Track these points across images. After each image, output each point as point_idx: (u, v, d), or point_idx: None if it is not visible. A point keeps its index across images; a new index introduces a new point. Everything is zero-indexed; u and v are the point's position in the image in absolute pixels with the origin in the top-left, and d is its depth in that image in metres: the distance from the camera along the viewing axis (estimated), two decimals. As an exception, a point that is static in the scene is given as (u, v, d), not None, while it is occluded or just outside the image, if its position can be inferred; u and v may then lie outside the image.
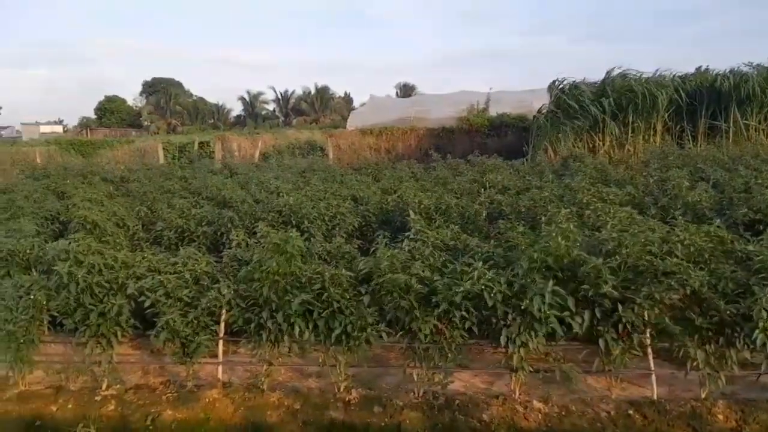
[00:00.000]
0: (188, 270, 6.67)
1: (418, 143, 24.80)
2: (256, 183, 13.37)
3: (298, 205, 9.53)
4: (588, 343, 5.88)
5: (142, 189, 13.34)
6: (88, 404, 6.29)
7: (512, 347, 5.62)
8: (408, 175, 14.17)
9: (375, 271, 6.20)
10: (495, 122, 24.75)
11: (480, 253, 6.71)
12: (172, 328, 6.01)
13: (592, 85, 21.08)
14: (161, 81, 76.33)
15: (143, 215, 10.47)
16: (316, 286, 6.07)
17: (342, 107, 67.54)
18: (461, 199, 9.86)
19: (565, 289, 5.56)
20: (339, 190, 11.69)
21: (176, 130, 62.23)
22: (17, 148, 29.96)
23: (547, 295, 5.37)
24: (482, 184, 11.97)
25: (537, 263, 5.89)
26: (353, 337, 5.85)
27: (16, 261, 7.91)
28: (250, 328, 6.18)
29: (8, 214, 10.81)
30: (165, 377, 6.79)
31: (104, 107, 71.59)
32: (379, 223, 9.53)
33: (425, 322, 5.75)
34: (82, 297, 6.17)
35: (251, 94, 69.59)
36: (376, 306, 6.03)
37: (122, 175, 17.13)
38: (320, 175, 14.88)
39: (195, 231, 9.28)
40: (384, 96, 43.16)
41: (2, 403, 6.41)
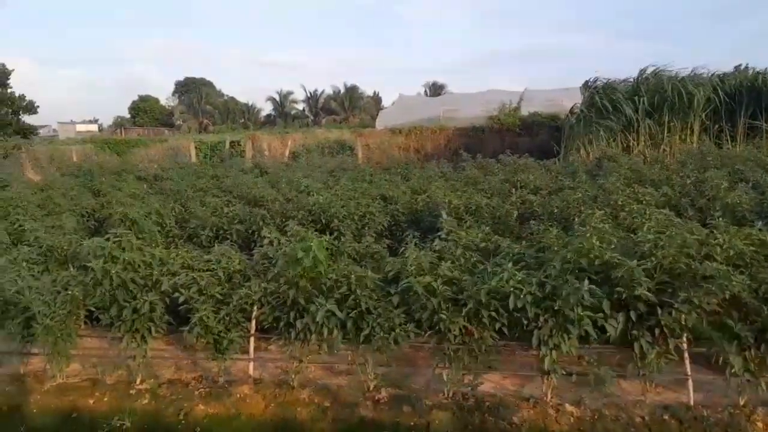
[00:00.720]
0: (221, 267, 6.74)
1: (448, 143, 24.68)
2: (286, 182, 13.47)
3: (328, 205, 9.58)
4: (622, 346, 5.76)
5: (175, 187, 13.54)
6: (123, 397, 6.42)
7: (544, 349, 5.55)
8: (437, 174, 14.11)
9: (403, 272, 6.19)
10: (526, 121, 24.47)
11: (511, 254, 6.64)
12: (205, 324, 6.09)
13: (626, 84, 20.71)
14: (193, 81, 77.50)
15: (177, 213, 10.62)
16: (342, 289, 6.11)
17: (371, 107, 67.60)
18: (492, 200, 9.77)
19: (601, 290, 5.47)
20: (368, 190, 11.70)
21: (207, 129, 63.04)
22: (54, 146, 30.72)
23: (584, 293, 5.28)
24: (513, 184, 11.85)
25: (570, 264, 5.81)
26: (381, 338, 5.85)
27: (55, 257, 8.12)
28: (280, 326, 6.25)
29: (46, 211, 11.09)
30: (197, 372, 6.89)
31: (138, 107, 72.91)
32: (409, 223, 9.52)
33: (453, 323, 5.72)
34: (116, 293, 6.30)
35: (281, 93, 70.16)
36: (404, 306, 6.02)
37: (156, 173, 17.45)
38: (349, 174, 14.92)
39: (228, 229, 9.39)
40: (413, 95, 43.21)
41: (41, 395, 6.58)
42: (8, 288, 6.53)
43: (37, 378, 6.87)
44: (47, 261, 8.03)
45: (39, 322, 6.21)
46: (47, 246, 8.21)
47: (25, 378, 6.90)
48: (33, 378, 6.88)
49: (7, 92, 35.59)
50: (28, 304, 6.34)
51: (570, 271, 5.74)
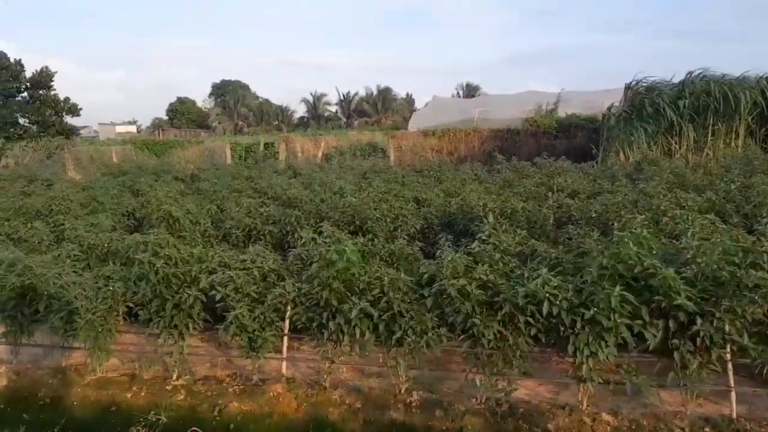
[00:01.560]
0: (256, 267, 6.81)
1: (482, 145, 24.46)
2: (319, 183, 13.55)
3: (361, 206, 9.59)
4: (662, 355, 5.60)
5: (211, 188, 13.74)
6: (159, 393, 6.54)
7: (580, 357, 5.42)
8: (471, 177, 14.02)
9: (437, 275, 6.16)
10: (563, 123, 24.02)
11: (548, 259, 6.55)
12: (240, 322, 6.16)
13: (670, 86, 20.23)
14: (229, 83, 78.68)
15: (212, 213, 10.77)
16: (375, 291, 6.09)
17: (404, 108, 67.62)
18: (528, 203, 9.65)
19: (639, 298, 5.34)
20: (401, 192, 11.69)
21: (242, 131, 63.90)
22: (95, 147, 31.55)
23: (613, 299, 5.17)
24: (550, 187, 11.68)
25: (607, 270, 5.69)
26: (413, 341, 5.82)
27: (96, 254, 8.34)
28: (313, 326, 6.28)
29: (88, 210, 11.38)
30: (232, 370, 6.99)
31: (175, 108, 74.35)
32: (442, 226, 9.47)
33: (487, 327, 5.65)
34: (159, 287, 6.43)
35: (314, 95, 70.70)
36: (437, 309, 5.98)
37: (192, 174, 17.76)
38: (382, 176, 14.93)
39: (262, 230, 9.48)
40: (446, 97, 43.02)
41: (81, 388, 6.75)
42: (52, 283, 6.73)
43: (78, 372, 7.05)
44: (89, 258, 8.27)
45: (81, 317, 6.37)
46: (89, 243, 8.44)
47: (66, 371, 7.09)
48: (74, 371, 7.07)
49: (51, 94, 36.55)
50: (70, 299, 6.52)
51: (607, 278, 5.62)
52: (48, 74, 36.29)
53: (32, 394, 6.77)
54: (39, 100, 35.77)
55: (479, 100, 39.25)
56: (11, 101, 35.00)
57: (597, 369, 5.53)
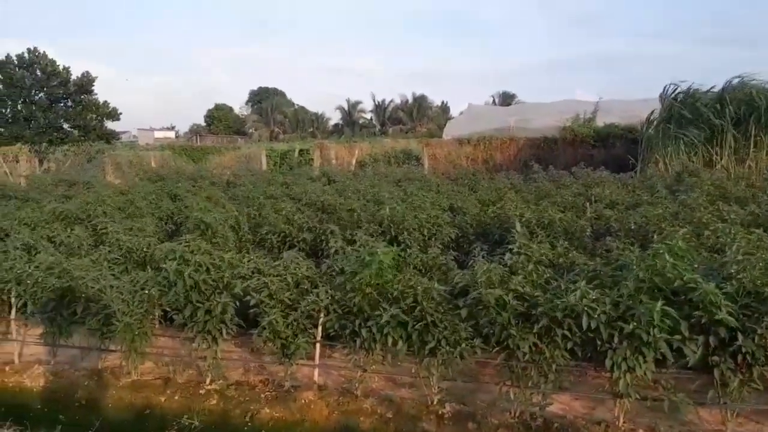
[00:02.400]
0: (290, 273, 6.84)
1: (518, 153, 24.23)
2: (353, 191, 13.57)
3: (394, 215, 9.55)
4: (701, 372, 5.45)
5: (247, 194, 13.88)
6: (192, 397, 6.60)
7: (617, 372, 5.30)
8: (507, 186, 13.88)
9: (471, 285, 6.09)
10: (602, 133, 23.64)
11: (585, 271, 6.42)
12: (273, 328, 6.18)
13: (710, 94, 19.72)
14: (266, 90, 79.90)
15: (249, 219, 10.85)
16: (408, 300, 6.05)
17: (439, 116, 67.51)
18: (565, 214, 9.49)
19: (678, 313, 5.18)
20: (435, 200, 11.62)
21: (278, 137, 64.62)
22: (134, 151, 32.23)
23: (655, 314, 5.03)
24: (588, 198, 11.50)
25: (644, 283, 5.54)
26: (446, 351, 5.77)
27: (134, 258, 8.49)
28: (345, 334, 6.26)
29: (126, 214, 11.59)
30: (264, 376, 7.01)
31: (213, 115, 75.67)
32: (477, 235, 9.37)
33: (523, 340, 5.56)
34: (190, 294, 6.48)
35: (350, 103, 71.16)
36: (472, 320, 5.91)
37: (229, 180, 17.98)
38: (416, 184, 14.88)
39: (296, 236, 9.52)
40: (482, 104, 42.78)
41: (117, 390, 6.86)
42: (91, 286, 6.86)
43: (114, 374, 7.17)
44: (127, 262, 8.41)
45: (118, 320, 6.47)
46: (127, 247, 8.60)
47: (102, 373, 7.22)
48: (110, 374, 7.19)
49: (92, 99, 37.50)
50: (108, 302, 6.63)
51: (644, 291, 5.48)
52: (89, 79, 37.27)
53: (69, 395, 6.91)
54: (81, 104, 36.77)
55: (515, 109, 38.90)
56: (56, 106, 36.07)
57: (634, 384, 5.39)
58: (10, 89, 34.62)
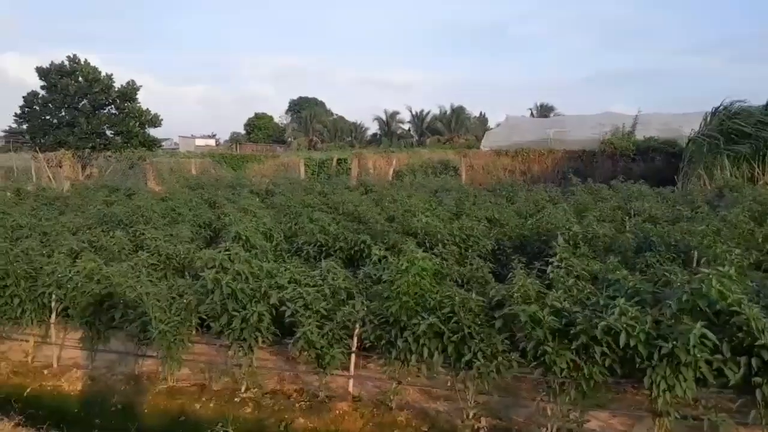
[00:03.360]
0: (327, 284, 6.85)
1: (556, 165, 23.99)
2: (390, 201, 13.57)
3: (431, 225, 9.51)
4: (743, 391, 5.25)
5: (285, 202, 14.00)
6: (227, 405, 6.65)
7: (656, 390, 5.18)
8: (545, 198, 13.71)
9: (507, 298, 6.01)
10: (641, 146, 23.36)
11: (625, 288, 6.27)
12: (308, 339, 6.19)
13: (754, 109, 19.24)
14: (305, 100, 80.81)
15: (286, 228, 10.93)
16: (445, 310, 5.99)
17: (476, 127, 67.18)
18: (604, 227, 9.31)
19: (720, 334, 5.06)
20: (473, 212, 11.54)
21: (316, 146, 65.19)
22: (176, 159, 32.92)
23: (691, 337, 4.91)
24: (627, 211, 11.27)
25: (688, 304, 5.41)
26: (483, 365, 5.70)
27: (172, 264, 8.61)
28: (381, 344, 6.24)
29: (167, 220, 11.79)
30: (299, 385, 7.03)
31: (253, 123, 76.83)
32: (514, 248, 9.26)
33: (560, 356, 5.47)
34: (227, 302, 6.55)
35: (388, 113, 71.32)
36: (508, 334, 5.83)
37: (267, 188, 18.18)
38: (453, 195, 14.81)
39: (333, 246, 9.55)
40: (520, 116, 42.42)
41: (153, 396, 6.96)
42: (129, 292, 6.98)
43: (150, 379, 7.27)
44: (165, 268, 8.53)
45: (155, 326, 6.57)
46: (166, 254, 8.72)
47: (139, 379, 7.33)
48: (146, 379, 7.30)
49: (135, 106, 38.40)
50: (146, 308, 6.73)
51: (688, 311, 5.35)
52: (134, 88, 38.16)
53: (105, 400, 7.03)
54: (124, 112, 37.70)
55: (554, 121, 38.56)
56: (100, 113, 37.02)
57: (674, 403, 5.26)
58: (54, 96, 35.73)
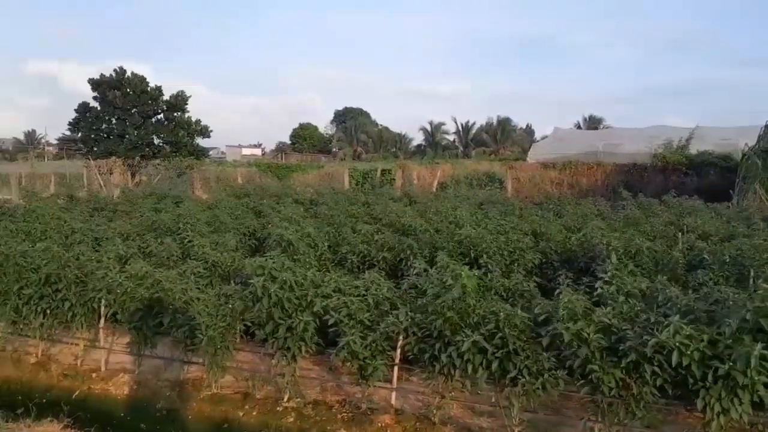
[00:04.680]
0: (370, 294, 6.84)
1: (605, 179, 23.47)
2: (434, 212, 13.49)
3: (477, 238, 9.40)
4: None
5: (329, 212, 14.06)
6: (270, 413, 6.70)
7: (710, 413, 5.03)
8: (594, 212, 13.41)
9: (553, 316, 5.87)
10: (695, 161, 22.70)
11: (679, 306, 6.06)
12: (351, 349, 6.19)
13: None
14: (350, 110, 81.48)
15: (329, 237, 10.97)
16: (490, 326, 5.91)
17: (523, 139, 66.45)
18: (655, 243, 9.05)
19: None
20: (519, 225, 11.36)
21: (360, 157, 65.57)
22: (223, 167, 33.57)
23: (753, 360, 4.70)
24: (679, 227, 10.93)
25: (748, 323, 5.18)
26: (528, 382, 5.59)
27: (218, 272, 8.74)
28: (424, 357, 6.19)
29: (213, 228, 11.99)
30: (341, 396, 7.02)
31: (298, 133, 77.83)
32: (561, 262, 9.08)
33: (608, 374, 5.32)
34: (273, 310, 6.59)
35: (433, 124, 71.18)
36: (554, 350, 5.70)
37: (312, 198, 18.32)
38: (499, 207, 14.64)
39: (376, 256, 9.55)
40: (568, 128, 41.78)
41: (197, 403, 7.07)
42: (178, 298, 7.11)
43: (195, 386, 7.38)
44: (211, 275, 8.65)
45: (202, 332, 6.67)
46: (212, 261, 8.85)
47: (184, 385, 7.45)
48: (191, 385, 7.41)
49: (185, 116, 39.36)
50: (193, 314, 6.84)
51: (747, 331, 5.12)
52: (183, 98, 39.19)
53: (151, 405, 7.16)
54: (174, 121, 38.72)
55: (603, 133, 37.81)
56: (149, 122, 38.15)
57: (728, 426, 5.10)
58: (105, 106, 37.03)
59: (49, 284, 8.08)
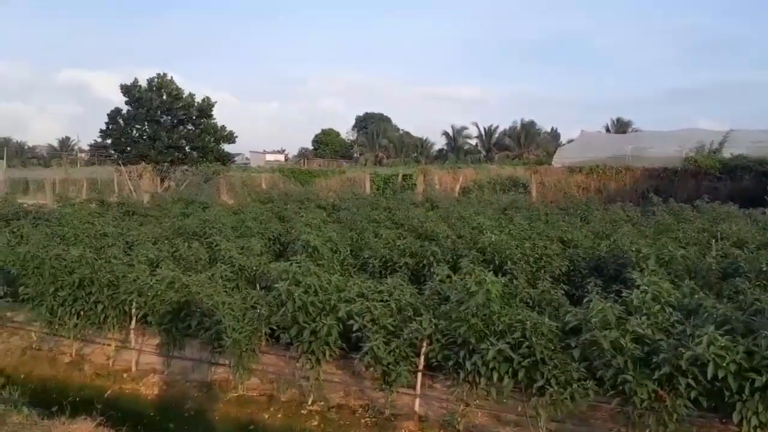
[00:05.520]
0: (393, 299, 6.77)
1: (634, 184, 23.03)
2: (456, 217, 13.38)
3: (501, 244, 9.27)
4: None
5: (351, 217, 14.04)
6: (295, 416, 6.70)
7: (747, 426, 4.88)
8: (623, 218, 13.18)
9: (584, 324, 5.73)
10: (728, 165, 22.11)
11: (714, 316, 5.87)
12: (375, 354, 6.12)
13: None
14: (372, 116, 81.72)
15: (352, 242, 10.94)
16: (516, 334, 5.79)
17: (548, 143, 65.97)
18: (688, 250, 8.83)
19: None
20: (545, 231, 11.20)
21: (382, 162, 65.73)
22: (247, 173, 33.85)
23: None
24: (713, 234, 10.66)
25: (788, 335, 4.99)
26: (556, 392, 5.47)
27: (245, 276, 8.79)
28: (448, 364, 6.10)
29: (238, 233, 12.06)
30: (364, 401, 6.97)
31: (320, 139, 78.24)
32: (590, 270, 8.90)
33: (641, 386, 5.16)
34: (297, 314, 6.57)
35: (455, 128, 71.11)
36: (584, 361, 5.56)
37: (334, 203, 18.34)
38: (523, 213, 14.47)
39: (398, 261, 9.48)
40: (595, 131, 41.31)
41: (224, 404, 7.11)
42: (206, 301, 7.15)
43: (221, 387, 7.41)
44: (238, 279, 8.72)
45: (229, 335, 6.68)
46: (239, 265, 8.91)
47: (211, 386, 7.49)
48: (218, 387, 7.44)
49: (211, 122, 39.79)
50: (220, 317, 6.88)
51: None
52: (209, 104, 39.68)
53: (179, 405, 7.21)
54: (201, 128, 39.18)
55: (631, 137, 37.31)
56: (179, 128, 38.66)
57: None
58: (138, 110, 37.61)
59: (82, 287, 8.24)
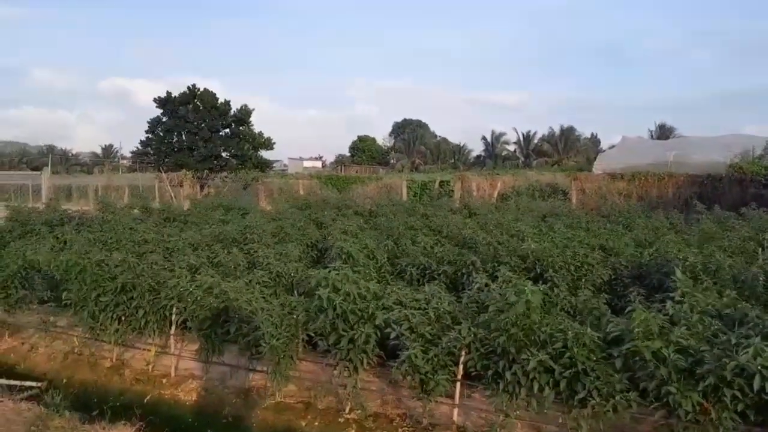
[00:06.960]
0: (431, 308, 6.74)
1: (677, 191, 22.44)
2: (495, 224, 13.24)
3: (541, 252, 9.14)
4: None
5: (388, 224, 14.02)
6: (332, 424, 6.70)
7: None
8: (666, 226, 12.85)
9: (626, 334, 5.61)
10: (775, 171, 21.36)
11: (760, 326, 5.69)
12: (413, 362, 6.10)
13: None
14: (409, 122, 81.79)
15: (389, 249, 10.92)
16: (557, 345, 5.72)
17: (588, 149, 64.79)
18: (734, 259, 8.56)
19: None
20: (586, 239, 11.00)
21: (418, 168, 65.58)
22: (285, 180, 34.22)
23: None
24: (759, 242, 10.31)
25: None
26: (598, 403, 5.37)
27: (282, 282, 8.86)
28: (488, 374, 6.04)
29: (277, 239, 12.18)
30: (401, 410, 6.94)
31: (357, 146, 78.59)
32: (632, 279, 8.70)
33: (686, 398, 5.03)
34: (336, 321, 6.60)
35: (493, 134, 70.50)
36: (627, 372, 5.44)
37: (371, 209, 18.35)
38: (563, 220, 14.23)
39: (436, 269, 9.42)
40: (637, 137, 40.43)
41: (261, 411, 7.16)
42: (244, 307, 7.22)
43: (259, 394, 7.48)
44: (276, 285, 8.78)
45: (266, 341, 6.74)
46: (277, 272, 8.99)
47: (249, 392, 7.56)
48: (256, 393, 7.51)
49: (249, 130, 40.36)
50: (258, 324, 6.93)
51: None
52: (247, 111, 40.30)
53: (217, 411, 7.30)
54: (239, 135, 39.80)
55: (675, 143, 36.34)
56: (216, 136, 39.36)
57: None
58: (176, 121, 38.43)
59: (124, 292, 8.44)
